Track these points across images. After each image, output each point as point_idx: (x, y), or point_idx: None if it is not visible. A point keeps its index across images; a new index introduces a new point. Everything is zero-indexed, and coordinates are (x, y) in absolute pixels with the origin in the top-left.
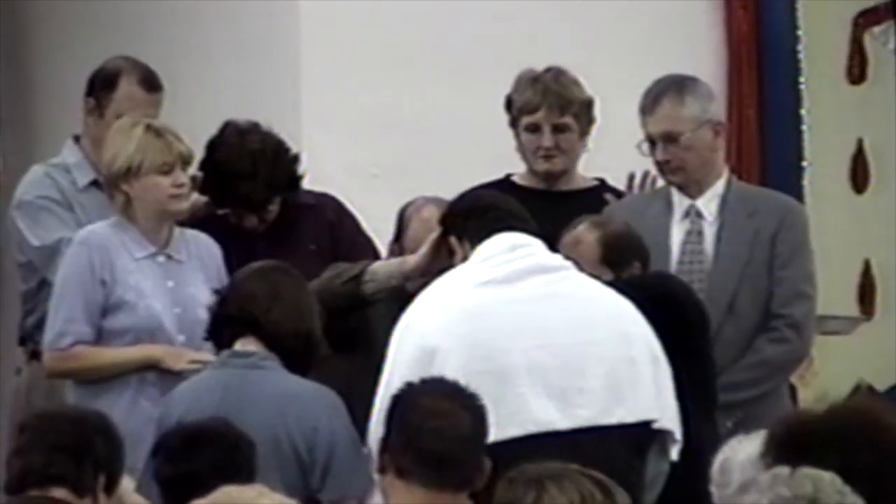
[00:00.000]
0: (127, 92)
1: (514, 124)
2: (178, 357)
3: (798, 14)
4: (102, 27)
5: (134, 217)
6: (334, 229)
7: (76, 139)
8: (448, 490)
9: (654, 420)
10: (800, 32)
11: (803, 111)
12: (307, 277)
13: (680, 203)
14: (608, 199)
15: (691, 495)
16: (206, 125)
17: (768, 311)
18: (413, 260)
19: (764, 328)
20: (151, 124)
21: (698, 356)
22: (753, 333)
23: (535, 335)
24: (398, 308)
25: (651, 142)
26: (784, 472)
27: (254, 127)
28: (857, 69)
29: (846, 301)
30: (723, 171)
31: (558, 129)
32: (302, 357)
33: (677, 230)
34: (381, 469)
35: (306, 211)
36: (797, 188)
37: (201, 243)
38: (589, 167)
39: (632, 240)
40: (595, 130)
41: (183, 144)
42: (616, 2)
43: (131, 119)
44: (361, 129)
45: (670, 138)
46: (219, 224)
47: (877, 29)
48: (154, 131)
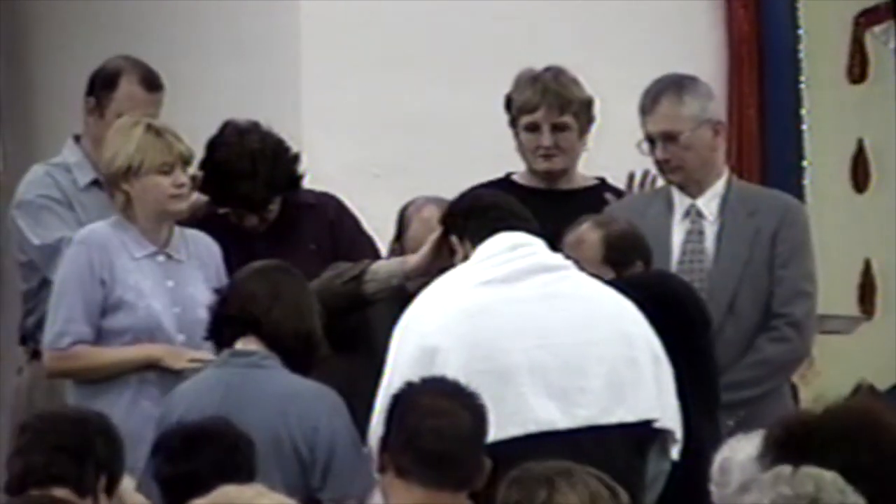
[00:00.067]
0: (127, 91)
1: (514, 123)
2: (178, 356)
3: (798, 14)
4: (102, 27)
5: (133, 217)
6: (335, 229)
7: (76, 139)
8: (448, 489)
9: (655, 419)
10: (800, 32)
11: (804, 111)
12: (307, 277)
13: (680, 202)
14: (608, 199)
15: (692, 495)
16: (206, 125)
17: (769, 311)
18: (414, 259)
19: (764, 327)
20: (151, 124)
21: (700, 355)
22: (754, 333)
23: (536, 335)
24: (398, 308)
25: (651, 141)
26: (786, 472)
27: (254, 126)
28: (858, 69)
29: (847, 301)
30: (723, 171)
31: (558, 129)
32: (302, 357)
33: (678, 230)
34: (381, 468)
35: (307, 210)
36: (797, 188)
37: (201, 243)
38: (589, 167)
39: (635, 239)
40: (595, 130)
41: (183, 144)
42: (616, 2)
43: (131, 118)
44: (361, 129)
45: (670, 137)
46: (219, 224)
47: (877, 28)
48: (154, 131)
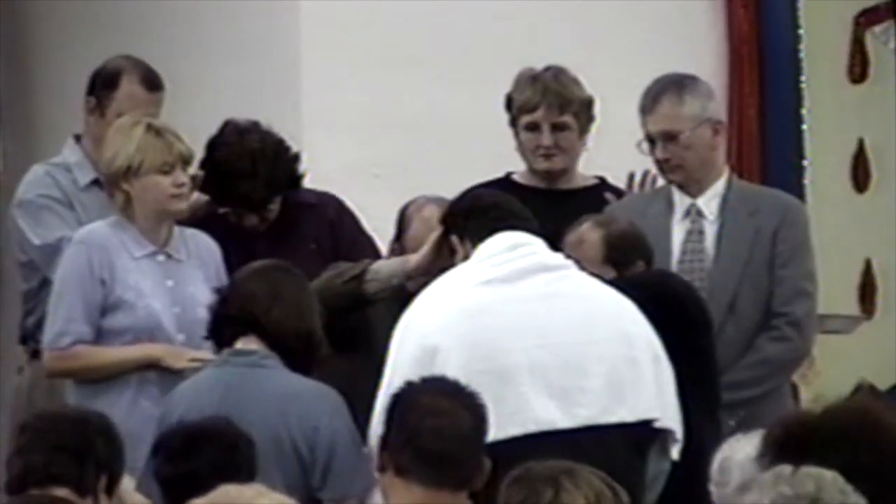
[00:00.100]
0: (128, 91)
1: (514, 123)
2: (179, 356)
3: (799, 13)
4: (102, 27)
5: (133, 216)
6: (335, 228)
7: (77, 138)
8: (447, 489)
9: (655, 419)
10: (801, 32)
11: (804, 111)
12: (308, 277)
13: (680, 202)
14: (608, 198)
15: (692, 495)
16: (206, 125)
17: (769, 310)
18: (415, 259)
19: (765, 327)
20: (152, 124)
21: (700, 355)
22: (754, 332)
23: (536, 334)
24: (399, 308)
25: (651, 141)
26: (786, 471)
27: (253, 126)
28: (858, 69)
29: (847, 300)
30: (723, 170)
31: (557, 128)
32: (303, 357)
33: (678, 229)
34: (381, 468)
35: (307, 210)
36: (798, 187)
37: (201, 242)
38: (589, 166)
39: (636, 239)
40: (595, 130)
41: (183, 144)
42: (616, 2)
43: (131, 118)
44: (361, 129)
45: (670, 137)
46: (219, 223)
47: (877, 28)
48: (154, 131)
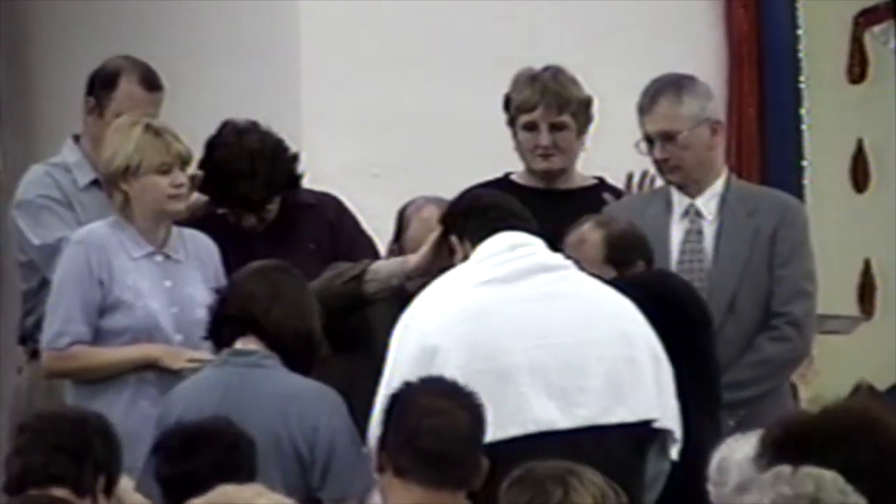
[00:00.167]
0: (127, 91)
1: (512, 123)
2: (177, 356)
3: (798, 14)
4: (102, 27)
5: (132, 216)
6: (334, 228)
7: (76, 138)
8: (446, 489)
9: (655, 419)
10: (800, 32)
11: (803, 111)
12: (307, 277)
13: (679, 202)
14: (607, 199)
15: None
16: (206, 125)
17: (769, 310)
18: (414, 259)
19: (764, 327)
20: (150, 124)
21: (701, 355)
22: (754, 332)
23: (536, 335)
24: (398, 308)
25: (649, 141)
26: (786, 471)
27: (252, 126)
28: (858, 69)
29: (846, 300)
30: (722, 170)
31: (556, 128)
32: (302, 357)
33: (677, 229)
34: (380, 468)
35: (306, 210)
36: (797, 187)
37: (199, 243)
38: (588, 166)
39: (636, 239)
40: (595, 130)
41: (181, 144)
42: (616, 2)
43: (130, 118)
44: (361, 129)
45: (668, 137)
46: (218, 223)
47: (877, 28)
48: (153, 131)
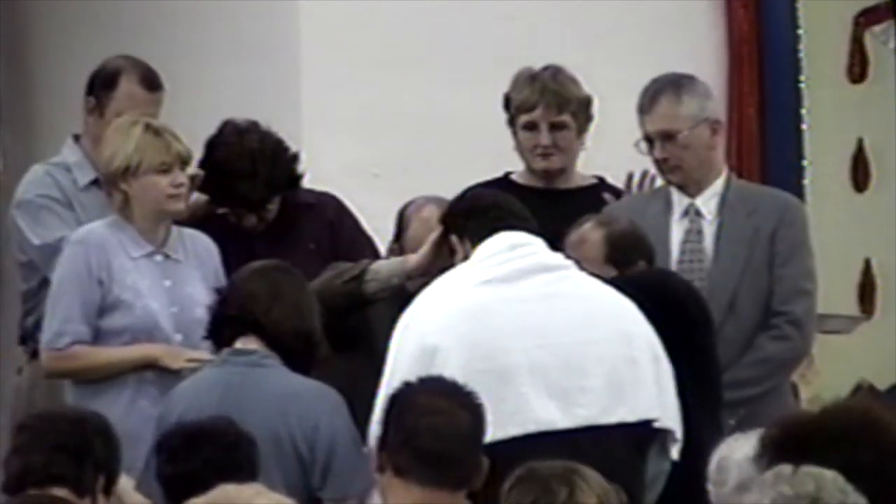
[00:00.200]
0: (127, 91)
1: (512, 122)
2: (176, 356)
3: (798, 13)
4: (102, 27)
5: (131, 216)
6: (334, 228)
7: (76, 138)
8: (446, 489)
9: (655, 419)
10: (800, 32)
11: (804, 110)
12: (307, 277)
13: (679, 202)
14: (607, 198)
15: (693, 495)
16: (206, 125)
17: (769, 309)
18: (414, 259)
19: (765, 326)
20: (150, 123)
21: (701, 354)
22: (754, 332)
23: (536, 334)
24: (398, 308)
25: (649, 140)
26: (786, 471)
27: (253, 126)
28: (858, 68)
29: (846, 300)
30: (722, 170)
31: (556, 127)
32: (303, 357)
33: (677, 229)
34: (380, 468)
35: (306, 210)
36: (797, 187)
37: (199, 242)
38: (588, 166)
39: (637, 239)
40: (594, 130)
41: (181, 144)
42: (616, 2)
43: (130, 118)
44: (361, 129)
45: (668, 137)
46: (218, 223)
47: (877, 28)
48: (153, 131)
